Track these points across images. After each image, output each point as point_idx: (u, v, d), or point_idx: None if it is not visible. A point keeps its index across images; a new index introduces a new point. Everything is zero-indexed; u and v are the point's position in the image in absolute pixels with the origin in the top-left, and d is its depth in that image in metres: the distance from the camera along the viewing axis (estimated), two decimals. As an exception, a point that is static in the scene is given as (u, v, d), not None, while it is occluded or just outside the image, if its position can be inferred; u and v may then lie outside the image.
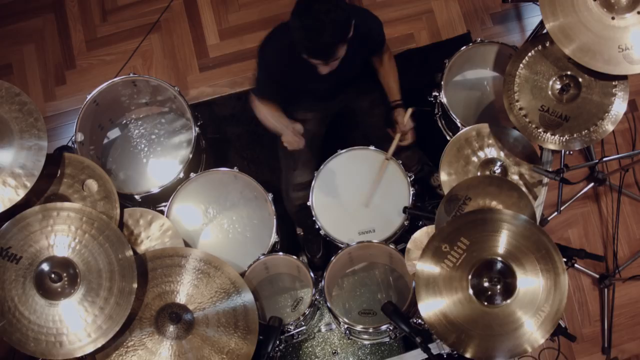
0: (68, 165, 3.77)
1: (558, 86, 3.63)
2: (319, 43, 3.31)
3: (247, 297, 3.62)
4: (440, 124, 4.47)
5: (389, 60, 4.04)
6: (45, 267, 3.38)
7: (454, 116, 4.10)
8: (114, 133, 4.55)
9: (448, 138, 4.38)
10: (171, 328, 3.48)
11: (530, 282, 3.17)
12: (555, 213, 4.42)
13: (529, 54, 3.67)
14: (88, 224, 3.45)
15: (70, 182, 3.76)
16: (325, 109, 4.23)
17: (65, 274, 3.37)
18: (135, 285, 3.40)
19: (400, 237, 4.03)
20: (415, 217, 3.95)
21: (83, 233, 3.43)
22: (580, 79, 3.59)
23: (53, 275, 3.33)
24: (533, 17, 5.10)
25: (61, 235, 3.42)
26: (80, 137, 4.11)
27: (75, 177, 3.77)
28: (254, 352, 3.54)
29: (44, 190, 3.72)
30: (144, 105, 4.54)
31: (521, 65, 3.67)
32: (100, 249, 3.42)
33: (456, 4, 5.16)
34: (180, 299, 3.56)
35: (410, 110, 3.91)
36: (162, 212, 4.01)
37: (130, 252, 3.44)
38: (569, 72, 3.61)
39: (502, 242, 3.22)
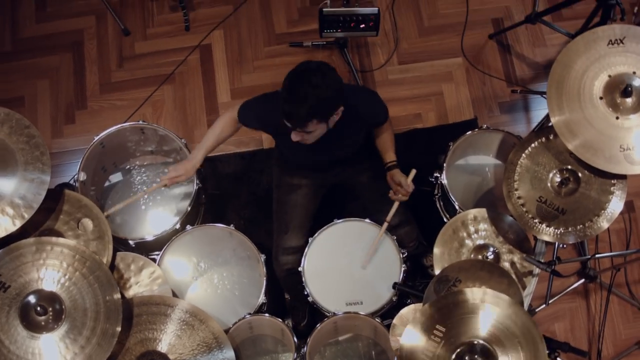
0: (66, 202, 3.79)
1: (558, 179, 3.67)
2: (293, 109, 3.36)
3: (229, 354, 3.61)
4: (438, 205, 4.50)
5: (387, 125, 4.05)
6: (32, 299, 3.37)
7: (453, 199, 4.13)
8: (117, 177, 4.58)
9: (445, 220, 4.42)
10: (149, 376, 3.48)
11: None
12: (544, 305, 4.43)
13: (532, 145, 3.71)
14: (80, 262, 3.45)
15: (66, 218, 3.78)
16: (321, 179, 4.26)
17: (51, 308, 3.36)
18: (119, 329, 3.38)
19: (387, 312, 4.01)
20: (404, 293, 3.95)
21: (74, 270, 3.43)
22: (580, 174, 3.64)
23: (39, 308, 3.32)
24: (540, 110, 5.18)
25: (52, 270, 3.42)
26: (82, 176, 4.13)
27: (72, 214, 3.79)
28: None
29: (40, 223, 3.73)
30: (149, 154, 4.57)
31: (524, 155, 3.71)
32: (89, 288, 3.42)
33: (466, 89, 5.24)
34: (162, 347, 3.55)
35: (414, 172, 3.91)
36: (154, 260, 4.01)
37: (118, 296, 3.44)
38: (569, 167, 3.65)
39: (485, 324, 3.20)
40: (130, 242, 4.09)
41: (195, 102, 5.24)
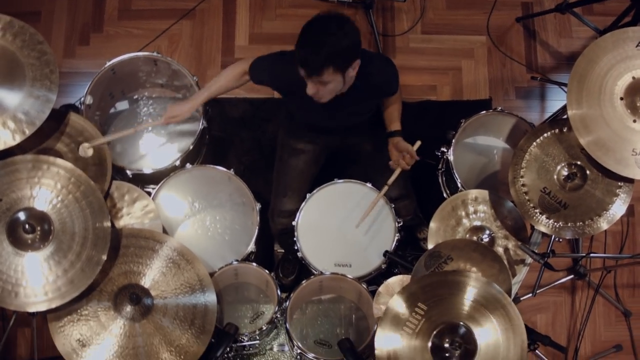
0: (69, 124, 3.75)
1: (565, 173, 3.63)
2: (309, 54, 3.30)
3: (211, 297, 3.59)
4: (440, 180, 4.46)
5: (398, 96, 3.99)
6: (21, 215, 3.35)
7: (457, 176, 4.10)
8: (123, 105, 4.54)
9: (445, 195, 4.39)
10: (128, 308, 3.45)
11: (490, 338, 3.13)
12: (530, 295, 4.41)
13: (545, 135, 3.67)
14: (75, 185, 3.42)
15: (67, 140, 3.74)
16: (325, 144, 4.22)
17: (39, 228, 3.33)
18: (104, 257, 3.36)
19: (374, 279, 4.00)
20: (393, 262, 3.92)
21: (67, 193, 3.40)
22: (587, 172, 3.59)
23: (27, 226, 3.30)
24: (555, 101, 5.14)
25: (45, 190, 3.39)
26: (89, 99, 4.10)
27: (74, 137, 3.75)
28: (202, 353, 3.50)
29: (40, 142, 3.69)
30: (159, 86, 4.53)
31: (535, 143, 3.67)
32: (80, 213, 3.39)
33: (485, 69, 5.19)
34: (145, 282, 3.54)
35: (419, 143, 3.84)
36: (149, 193, 3.98)
37: (108, 224, 3.41)
38: (578, 162, 3.61)
39: (466, 304, 3.17)
40: (128, 172, 4.06)
41: (212, 41, 5.18)
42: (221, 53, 5.15)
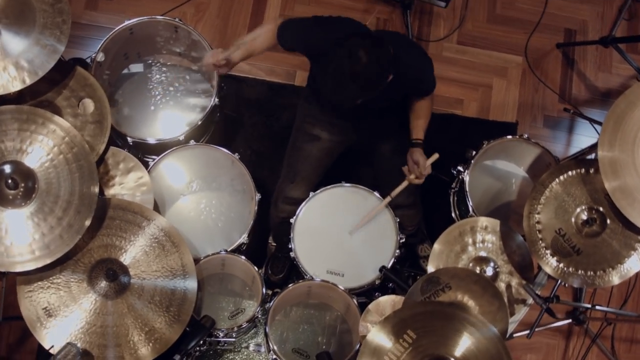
0: (73, 77, 3.58)
1: (584, 217, 3.42)
2: (338, 98, 3.19)
3: (191, 285, 3.42)
4: (451, 199, 4.28)
5: (428, 101, 3.80)
6: (7, 168, 3.19)
7: (469, 199, 3.94)
8: (137, 67, 4.36)
9: (453, 215, 4.24)
10: (103, 284, 3.28)
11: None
12: (524, 333, 4.20)
13: (569, 173, 3.47)
14: (68, 145, 3.24)
15: (68, 94, 3.57)
16: (344, 135, 4.03)
17: (23, 184, 3.16)
18: (86, 225, 3.19)
19: (366, 292, 3.85)
20: (389, 279, 3.74)
21: (59, 153, 3.22)
22: (608, 220, 3.40)
23: (10, 181, 3.13)
24: (583, 136, 4.94)
25: (36, 145, 3.22)
26: (101, 56, 3.92)
27: (75, 91, 3.58)
28: (174, 342, 3.33)
29: (40, 93, 3.52)
30: (176, 55, 4.35)
31: (557, 180, 3.47)
32: (68, 175, 3.21)
33: (516, 90, 4.99)
34: (125, 259, 3.36)
35: (436, 156, 3.71)
36: (147, 163, 3.83)
37: (96, 190, 3.23)
38: (600, 208, 3.41)
39: (462, 344, 2.99)
40: (129, 139, 3.89)
41: (241, 15, 5.00)
42: (248, 29, 4.96)
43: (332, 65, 3.14)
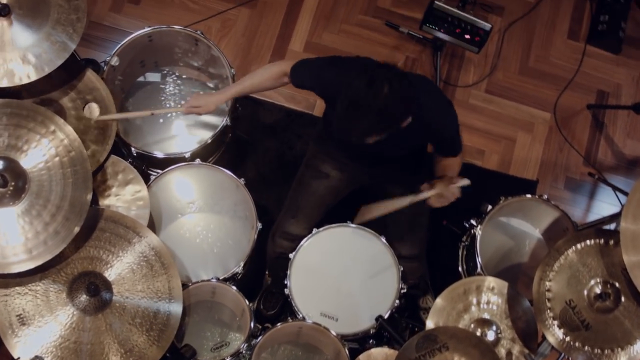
0: (83, 79, 3.46)
1: (597, 290, 3.24)
2: (350, 126, 3.01)
3: (176, 311, 3.25)
4: (460, 252, 4.14)
5: (457, 160, 3.61)
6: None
7: (479, 256, 3.78)
8: (154, 77, 4.25)
9: (460, 269, 4.10)
10: (83, 297, 3.11)
11: None
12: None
13: (587, 242, 3.30)
14: (65, 149, 3.09)
15: (74, 96, 3.45)
16: (355, 177, 3.87)
17: (13, 184, 3.00)
18: (74, 233, 3.03)
19: (360, 339, 3.69)
20: (384, 329, 3.57)
21: (55, 155, 3.07)
22: (623, 297, 3.21)
23: (0, 178, 2.96)
24: (605, 203, 4.77)
25: (32, 144, 3.06)
26: (115, 61, 3.80)
27: (82, 93, 3.46)
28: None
29: (45, 91, 3.40)
30: (193, 68, 4.23)
31: (574, 248, 3.30)
32: (61, 180, 3.05)
33: (540, 147, 4.84)
34: (110, 275, 3.19)
35: (466, 181, 3.45)
36: (149, 177, 3.69)
37: (88, 198, 3.08)
38: (616, 283, 3.23)
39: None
40: (133, 149, 3.75)
41: (267, 37, 4.88)
42: (271, 52, 4.85)
43: (351, 91, 2.95)
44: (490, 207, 3.89)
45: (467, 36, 4.27)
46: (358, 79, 2.94)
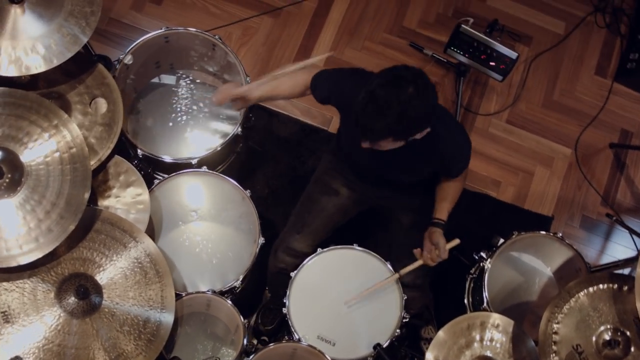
0: (92, 75, 3.36)
1: (607, 337, 3.12)
2: (369, 121, 2.85)
3: (167, 320, 3.14)
4: (467, 284, 4.02)
5: (459, 184, 3.52)
6: (-4, 154, 2.94)
7: (486, 290, 3.66)
8: (169, 79, 4.15)
9: (465, 301, 3.99)
10: (71, 300, 3.00)
11: None
12: None
13: (600, 286, 3.18)
14: (66, 144, 2.99)
15: (82, 90, 3.35)
16: (362, 196, 3.76)
17: (9, 175, 2.90)
18: (67, 232, 2.93)
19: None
20: (381, 358, 3.44)
21: (55, 150, 2.97)
22: (632, 347, 3.09)
23: (-4, 168, 2.88)
24: (621, 246, 4.65)
25: (33, 137, 2.97)
26: (129, 59, 3.71)
27: (90, 88, 3.36)
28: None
29: (51, 83, 3.30)
30: (208, 73, 4.13)
31: (586, 291, 3.18)
32: (59, 176, 2.96)
33: (558, 184, 4.72)
34: (102, 278, 3.08)
35: (456, 242, 3.41)
36: (152, 181, 3.59)
37: (85, 197, 2.97)
38: (627, 332, 3.11)
39: None
40: (139, 151, 3.64)
41: (287, 48, 4.79)
42: (292, 63, 4.70)
43: (373, 86, 2.84)
44: (501, 240, 3.78)
45: (492, 63, 4.18)
46: (383, 77, 2.85)
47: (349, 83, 3.24)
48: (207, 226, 3.87)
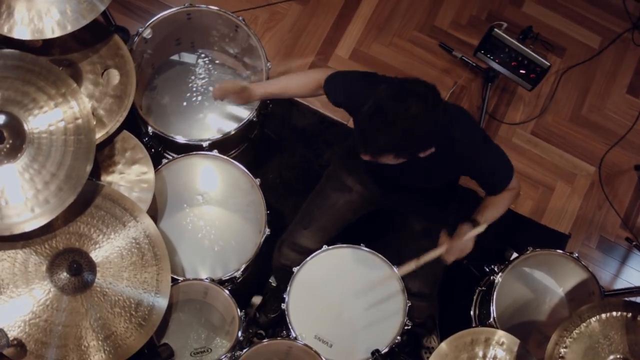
0: (108, 45, 3.26)
1: (615, 366, 3.00)
2: (370, 133, 2.75)
3: (160, 305, 3.04)
4: (475, 296, 3.91)
5: (504, 195, 3.37)
6: (0, 118, 2.84)
7: (494, 305, 3.55)
8: (189, 57, 4.03)
9: (472, 313, 3.88)
10: (63, 276, 2.91)
11: None
12: None
13: (613, 313, 3.06)
14: (72, 115, 2.89)
15: (95, 60, 3.26)
16: (375, 197, 3.65)
17: (10, 141, 2.82)
18: (65, 205, 2.84)
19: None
20: (379, 364, 3.35)
21: (60, 119, 2.87)
22: (641, 380, 2.97)
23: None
24: (636, 271, 4.53)
25: (39, 103, 2.87)
26: (148, 33, 3.59)
27: (104, 58, 3.26)
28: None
29: (64, 50, 3.20)
30: (228, 55, 4.01)
31: (598, 317, 3.06)
32: (62, 147, 2.86)
33: (579, 202, 4.60)
34: (97, 256, 2.99)
35: (484, 227, 3.26)
36: (161, 160, 3.49)
37: (87, 170, 2.88)
38: (637, 363, 2.99)
39: None
40: (150, 128, 3.53)
41: (313, 37, 4.69)
42: (316, 54, 4.65)
43: (381, 99, 2.73)
44: (515, 254, 3.68)
45: (523, 71, 4.06)
46: (394, 88, 2.73)
47: (360, 85, 3.14)
48: (212, 211, 3.77)
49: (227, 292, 3.32)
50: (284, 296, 3.41)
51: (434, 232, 3.39)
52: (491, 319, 3.53)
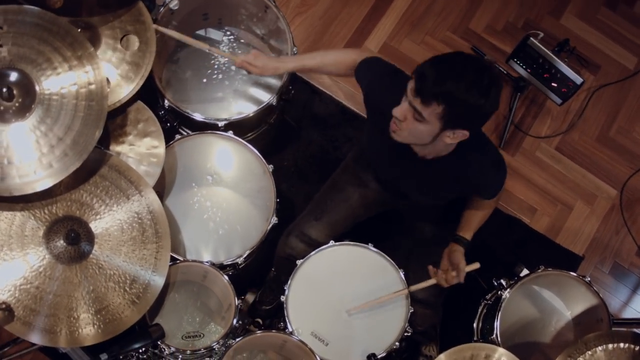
0: (130, 11, 3.15)
1: (617, 400, 2.90)
2: (433, 74, 2.62)
3: (156, 284, 2.95)
4: (480, 309, 3.82)
5: (491, 203, 3.32)
6: (11, 75, 2.74)
7: (499, 321, 3.46)
8: (216, 34, 3.96)
9: (474, 325, 3.79)
10: (59, 244, 2.82)
11: None
12: None
13: (620, 345, 2.97)
14: (85, 80, 2.79)
15: (115, 24, 3.14)
16: (390, 195, 3.55)
17: (20, 100, 2.72)
18: (69, 171, 2.74)
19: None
20: (374, 369, 3.28)
21: (73, 83, 2.78)
22: (643, 416, 2.87)
23: (6, 90, 2.69)
24: (647, 301, 4.46)
25: (53, 64, 2.77)
26: (175, 4, 3.53)
27: (124, 23, 3.15)
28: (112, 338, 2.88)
29: (85, 12, 3.08)
30: (255, 35, 3.93)
31: (605, 346, 2.96)
32: (72, 111, 2.76)
33: (596, 224, 4.52)
34: (96, 227, 2.90)
35: (476, 266, 3.22)
36: (174, 135, 3.42)
37: (95, 137, 2.78)
38: (640, 399, 2.88)
39: None
40: (167, 101, 3.46)
41: (345, 27, 4.64)
42: (345, 44, 4.60)
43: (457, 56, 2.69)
44: (526, 271, 3.64)
45: (554, 84, 3.99)
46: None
47: (386, 85, 3.04)
48: (221, 193, 3.69)
49: (226, 278, 3.24)
50: (284, 288, 3.34)
51: (443, 238, 3.33)
52: (494, 335, 3.45)
